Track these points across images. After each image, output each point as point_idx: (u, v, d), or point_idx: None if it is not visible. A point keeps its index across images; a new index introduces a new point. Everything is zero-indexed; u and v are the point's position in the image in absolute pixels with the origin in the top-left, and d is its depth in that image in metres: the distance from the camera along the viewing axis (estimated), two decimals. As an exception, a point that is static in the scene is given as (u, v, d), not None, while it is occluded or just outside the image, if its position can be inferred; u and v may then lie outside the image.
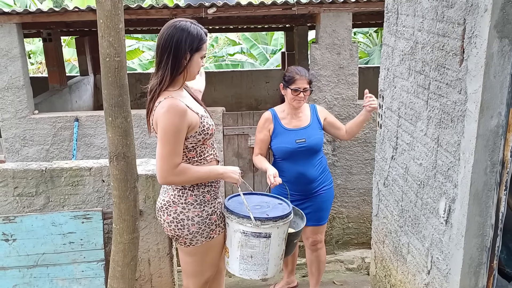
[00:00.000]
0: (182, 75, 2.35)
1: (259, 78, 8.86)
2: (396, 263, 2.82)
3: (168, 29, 2.31)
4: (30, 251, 2.90)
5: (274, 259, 2.54)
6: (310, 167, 3.36)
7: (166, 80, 2.30)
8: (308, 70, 3.47)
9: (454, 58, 2.03)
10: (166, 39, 2.29)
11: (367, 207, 5.01)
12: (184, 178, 2.32)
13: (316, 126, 3.41)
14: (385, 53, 2.97)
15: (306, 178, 3.36)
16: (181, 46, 2.27)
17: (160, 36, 2.32)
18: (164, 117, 2.23)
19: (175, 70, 2.31)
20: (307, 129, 3.37)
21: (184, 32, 2.28)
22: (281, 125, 3.41)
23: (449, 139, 2.09)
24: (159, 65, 2.33)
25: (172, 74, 2.31)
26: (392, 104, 2.86)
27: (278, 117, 3.44)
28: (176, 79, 2.35)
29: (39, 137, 5.00)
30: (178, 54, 2.28)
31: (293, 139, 3.33)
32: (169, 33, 2.29)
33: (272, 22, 6.95)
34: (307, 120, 3.40)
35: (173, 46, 2.27)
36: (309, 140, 3.33)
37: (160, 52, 2.31)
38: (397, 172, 2.77)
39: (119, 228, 2.47)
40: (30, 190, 3.04)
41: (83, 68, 8.02)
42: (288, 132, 3.37)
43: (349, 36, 4.67)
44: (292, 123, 3.40)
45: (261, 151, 3.46)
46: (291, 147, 3.33)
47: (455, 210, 2.04)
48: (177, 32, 2.28)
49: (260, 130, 3.45)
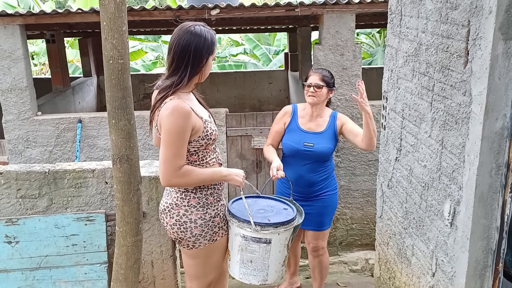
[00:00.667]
0: (197, 77, 2.38)
1: (262, 79, 8.85)
2: (400, 265, 2.80)
3: (184, 35, 2.31)
4: (33, 254, 2.90)
5: (275, 266, 2.51)
6: (312, 172, 3.33)
7: (184, 82, 2.32)
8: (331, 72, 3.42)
9: (458, 60, 2.02)
10: (184, 45, 2.29)
11: (371, 208, 4.99)
12: (187, 180, 2.32)
13: (329, 135, 3.35)
14: (388, 54, 2.96)
15: (305, 181, 3.34)
16: (199, 52, 2.30)
17: (177, 42, 2.31)
18: (169, 119, 2.23)
19: (193, 74, 2.34)
20: (319, 135, 3.34)
21: (201, 38, 2.31)
22: (296, 123, 3.39)
23: (454, 141, 2.08)
24: (175, 70, 2.33)
25: (189, 77, 2.33)
26: (396, 106, 2.85)
27: (297, 114, 3.42)
28: (192, 81, 2.37)
29: (42, 139, 5.00)
30: (196, 59, 2.31)
31: (302, 141, 3.32)
32: (186, 39, 2.30)
33: (275, 23, 6.94)
34: (323, 126, 3.36)
35: (191, 52, 2.29)
36: (317, 147, 3.29)
37: (178, 58, 2.31)
38: (401, 174, 2.76)
39: (122, 231, 2.46)
40: (33, 192, 3.04)
41: (86, 69, 8.01)
42: (300, 132, 3.36)
43: (352, 37, 4.65)
44: (307, 124, 3.38)
45: (273, 142, 3.46)
46: (297, 147, 3.32)
47: (460, 213, 2.03)
48: (195, 38, 2.30)
49: (277, 121, 3.46)
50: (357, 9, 4.63)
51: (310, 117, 3.38)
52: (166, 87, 2.31)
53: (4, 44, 4.90)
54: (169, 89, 2.30)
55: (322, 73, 3.34)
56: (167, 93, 2.30)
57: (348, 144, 4.91)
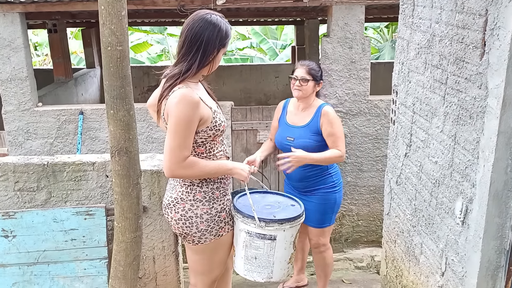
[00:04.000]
0: (206, 68, 2.32)
1: (269, 72, 8.76)
2: (408, 264, 2.74)
3: (199, 22, 2.25)
4: (30, 248, 2.83)
5: (280, 263, 2.45)
6: (300, 167, 3.16)
7: (193, 71, 2.25)
8: (319, 65, 3.36)
9: (474, 51, 1.93)
10: (196, 32, 2.23)
11: (378, 204, 4.92)
12: (192, 172, 2.24)
13: (310, 129, 3.23)
14: (399, 46, 2.87)
15: (295, 175, 3.27)
16: (211, 41, 2.24)
17: (190, 28, 2.25)
18: (176, 108, 2.16)
19: (202, 63, 2.27)
20: (300, 128, 3.25)
21: (216, 28, 2.25)
22: (284, 117, 3.37)
23: (467, 136, 2.00)
24: (184, 56, 2.27)
25: (198, 67, 2.26)
26: (406, 100, 2.76)
27: (287, 108, 3.40)
28: (200, 71, 2.31)
29: (43, 130, 4.93)
30: (207, 48, 2.24)
31: (285, 135, 3.28)
32: (200, 25, 2.23)
33: (282, 15, 6.84)
34: (306, 120, 3.26)
35: (203, 40, 2.23)
36: (297, 141, 3.21)
37: (189, 44, 2.25)
38: (411, 170, 2.68)
39: (121, 227, 2.37)
40: (31, 185, 2.97)
41: (90, 60, 7.97)
42: (285, 126, 3.33)
43: (361, 29, 4.54)
44: (292, 118, 3.33)
45: (271, 136, 3.48)
46: (282, 141, 3.30)
47: (472, 211, 1.97)
48: (209, 27, 2.24)
49: (274, 117, 3.49)
50: (366, 0, 4.51)
51: (297, 110, 3.33)
52: (174, 75, 2.25)
53: (3, 32, 4.82)
54: (177, 77, 2.23)
55: (309, 66, 3.26)
56: (175, 81, 2.24)
57: (355, 139, 4.83)
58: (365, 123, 4.72)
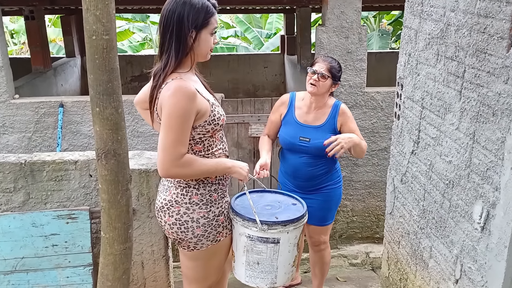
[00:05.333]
0: (189, 56, 2.07)
1: (257, 62, 8.54)
2: (414, 267, 2.60)
3: (168, 4, 2.02)
4: (7, 255, 2.61)
5: (284, 267, 2.30)
6: (310, 166, 3.07)
7: (172, 64, 2.02)
8: (340, 64, 3.13)
9: (499, 42, 1.76)
10: (167, 17, 2.00)
11: (373, 200, 4.78)
12: (188, 170, 2.04)
13: (328, 129, 3.06)
14: (406, 36, 2.69)
15: (303, 175, 3.11)
16: (183, 23, 1.99)
17: (162, 13, 2.02)
18: (170, 100, 1.95)
19: (181, 52, 2.03)
20: (316, 129, 3.06)
21: (186, 6, 1.99)
22: (293, 114, 3.12)
23: (489, 135, 1.84)
24: (162, 47, 2.05)
25: (177, 57, 2.02)
26: (413, 94, 2.59)
27: (295, 104, 3.15)
28: (183, 61, 2.07)
29: (20, 124, 4.64)
30: (181, 32, 2.00)
31: (298, 135, 3.06)
32: (169, 8, 2.00)
33: (272, 2, 6.60)
34: (321, 119, 3.08)
35: (175, 24, 1.99)
36: (313, 142, 3.03)
37: (162, 32, 2.02)
38: (419, 169, 2.52)
39: (108, 238, 2.12)
40: (8, 186, 2.74)
41: (69, 49, 7.67)
42: (296, 125, 3.09)
43: (358, 18, 4.34)
44: (304, 116, 3.10)
45: (269, 132, 3.23)
46: (293, 141, 3.07)
47: (495, 217, 1.81)
48: (178, 7, 1.99)
49: (274, 111, 3.21)
50: (364, -12, 4.32)
51: (309, 108, 3.10)
52: (157, 71, 2.04)
53: (-24, 19, 4.51)
54: (160, 74, 2.02)
55: (331, 63, 3.04)
56: (159, 78, 2.02)
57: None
58: (361, 116, 4.55)
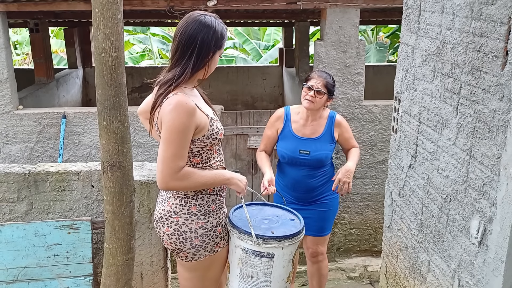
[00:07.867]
0: (201, 72, 2.18)
1: (256, 74, 8.60)
2: (412, 281, 2.61)
3: (193, 24, 2.11)
4: (9, 265, 2.63)
5: (278, 282, 2.30)
6: (310, 178, 3.13)
7: (187, 76, 2.11)
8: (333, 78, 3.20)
9: (494, 60, 1.81)
10: (191, 35, 2.10)
11: (371, 213, 4.80)
12: (187, 183, 2.09)
13: (326, 139, 3.14)
14: (403, 52, 2.75)
15: (303, 187, 3.16)
16: (206, 44, 2.11)
17: (183, 30, 2.12)
18: (171, 115, 2.01)
19: (197, 67, 2.14)
20: (315, 141, 3.12)
21: (211, 30, 2.12)
22: (290, 129, 3.17)
23: (486, 151, 1.87)
24: (178, 60, 2.13)
25: (193, 70, 2.13)
26: (411, 108, 2.63)
27: (291, 118, 3.19)
28: (195, 76, 2.18)
29: (23, 134, 4.69)
30: (202, 51, 2.11)
31: (297, 148, 3.10)
32: (194, 27, 2.10)
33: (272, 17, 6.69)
34: (319, 131, 3.14)
35: (198, 43, 2.10)
36: (313, 154, 3.08)
37: (182, 48, 2.11)
38: (416, 183, 2.55)
39: (111, 248, 2.16)
40: (11, 196, 2.77)
41: (72, 60, 7.74)
42: (294, 138, 3.13)
43: (356, 33, 4.42)
44: (302, 130, 3.15)
45: (266, 147, 3.26)
46: (293, 155, 3.12)
47: (492, 232, 1.84)
48: (204, 29, 2.11)
49: (269, 126, 3.25)
50: (362, 3, 4.39)
51: (305, 121, 3.15)
52: (168, 81, 2.10)
53: (-17, 32, 4.57)
54: (171, 83, 2.09)
55: (326, 79, 3.11)
56: (168, 87, 2.09)
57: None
58: (359, 129, 4.60)
